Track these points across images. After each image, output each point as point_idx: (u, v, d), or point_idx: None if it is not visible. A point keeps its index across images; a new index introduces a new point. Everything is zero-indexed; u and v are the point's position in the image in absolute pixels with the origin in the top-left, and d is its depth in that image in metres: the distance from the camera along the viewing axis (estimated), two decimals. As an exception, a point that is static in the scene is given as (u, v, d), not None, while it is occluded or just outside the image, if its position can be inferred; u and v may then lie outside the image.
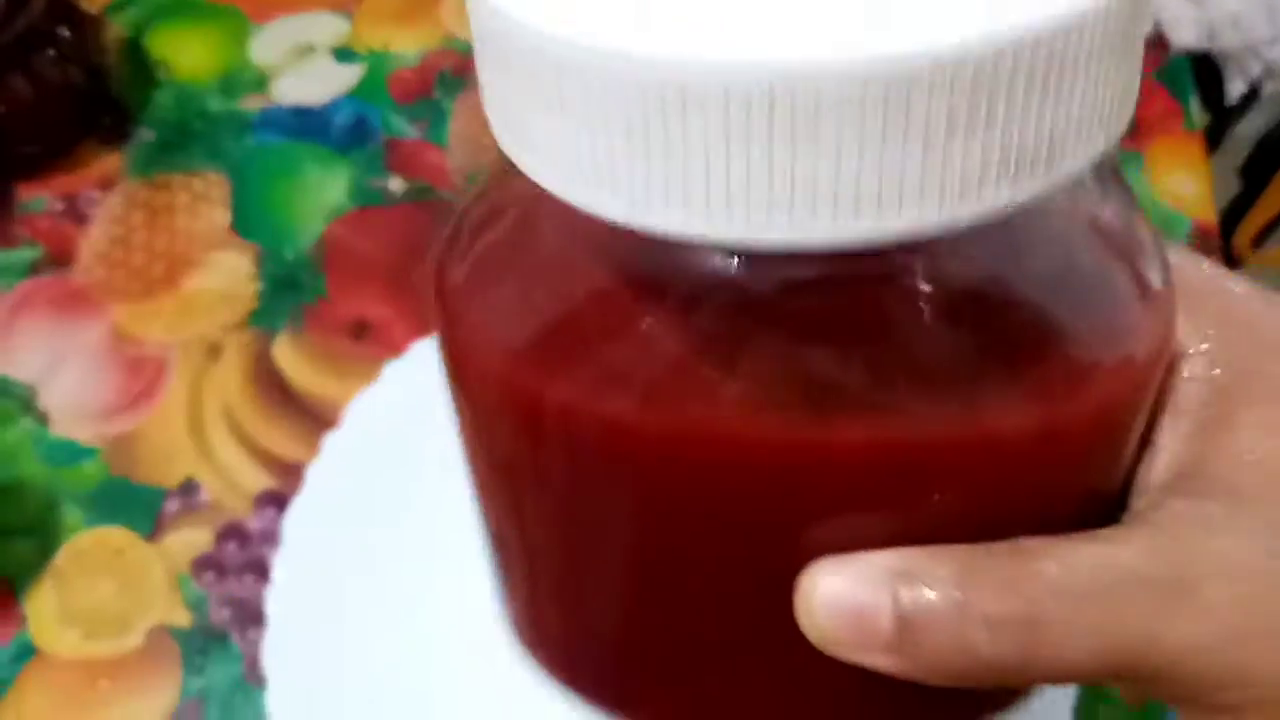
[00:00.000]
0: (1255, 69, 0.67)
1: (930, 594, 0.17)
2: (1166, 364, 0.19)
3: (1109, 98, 0.15)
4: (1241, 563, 0.18)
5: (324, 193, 0.54)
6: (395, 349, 0.49)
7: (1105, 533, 0.19)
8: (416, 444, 0.45)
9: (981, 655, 0.17)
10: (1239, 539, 0.18)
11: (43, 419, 0.48)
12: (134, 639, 0.44)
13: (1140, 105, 0.17)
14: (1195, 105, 0.60)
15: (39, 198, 0.53)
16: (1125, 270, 0.19)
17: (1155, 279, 0.19)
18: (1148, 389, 0.19)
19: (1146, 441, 0.20)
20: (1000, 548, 0.18)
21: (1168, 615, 0.17)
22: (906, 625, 0.17)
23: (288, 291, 0.51)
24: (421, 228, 0.53)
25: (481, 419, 0.21)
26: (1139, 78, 0.17)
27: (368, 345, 0.50)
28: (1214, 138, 0.60)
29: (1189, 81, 0.60)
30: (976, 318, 0.18)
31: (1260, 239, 1.06)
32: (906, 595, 0.17)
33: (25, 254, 0.52)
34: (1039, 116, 0.14)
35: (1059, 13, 0.14)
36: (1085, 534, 0.19)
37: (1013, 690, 0.22)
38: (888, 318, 0.17)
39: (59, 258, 0.52)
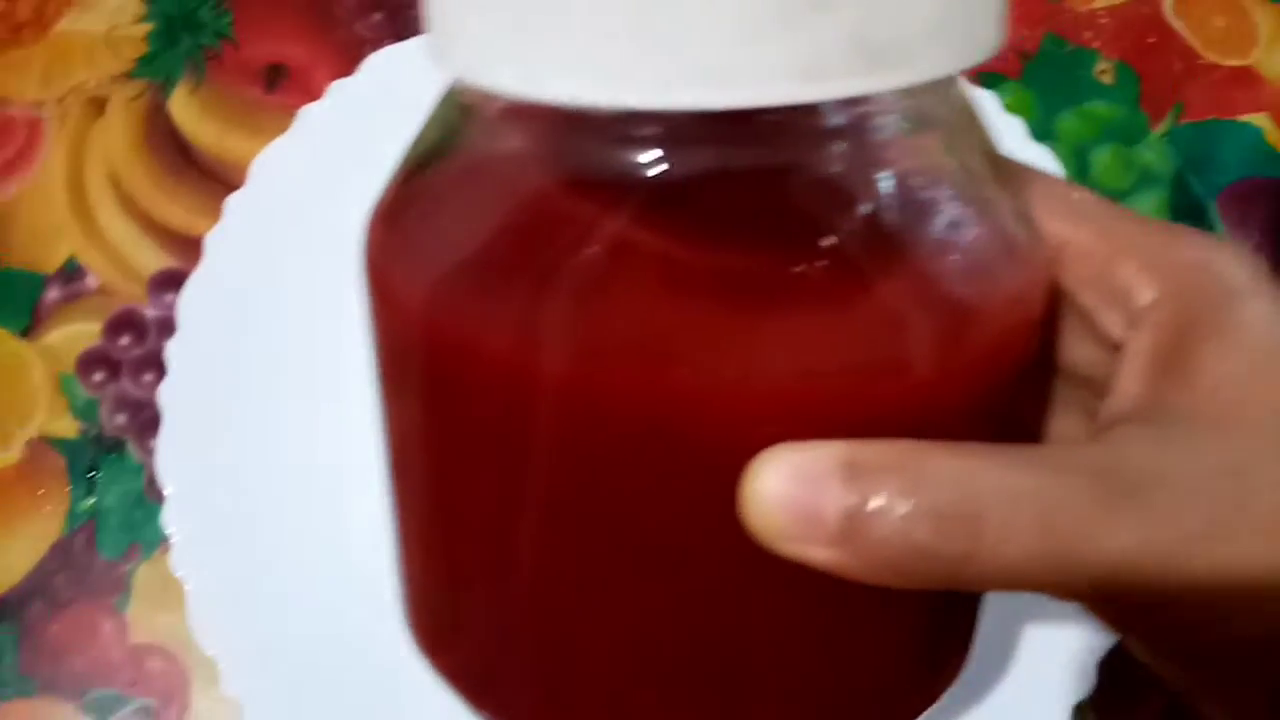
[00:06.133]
0: None
1: (877, 486, 0.18)
2: (1041, 314, 0.21)
3: (959, 14, 0.17)
4: (1193, 474, 0.19)
5: (224, -89, 0.44)
6: (315, 95, 0.40)
7: (1055, 446, 0.21)
8: (334, 205, 0.36)
9: (925, 548, 0.18)
10: (1189, 456, 0.19)
11: (-109, 196, 0.40)
12: (10, 453, 0.37)
13: None
14: None
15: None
16: (993, 231, 0.20)
17: (1021, 239, 0.21)
18: (1022, 337, 0.20)
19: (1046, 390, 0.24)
20: (947, 445, 0.18)
21: (1109, 519, 0.18)
22: (852, 517, 0.18)
23: (184, 33, 0.43)
24: (345, -52, 0.43)
25: (399, 362, 0.21)
26: (1004, 11, 0.18)
27: (283, 94, 0.42)
28: None
29: None
30: (863, 259, 0.18)
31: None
32: (854, 487, 0.18)
33: None
34: (886, 12, 0.16)
35: None
36: (1035, 445, 0.20)
37: (948, 668, 0.23)
38: (784, 252, 0.18)
39: (-98, 3, 0.43)
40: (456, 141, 0.20)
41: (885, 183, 0.19)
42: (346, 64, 0.41)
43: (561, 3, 0.15)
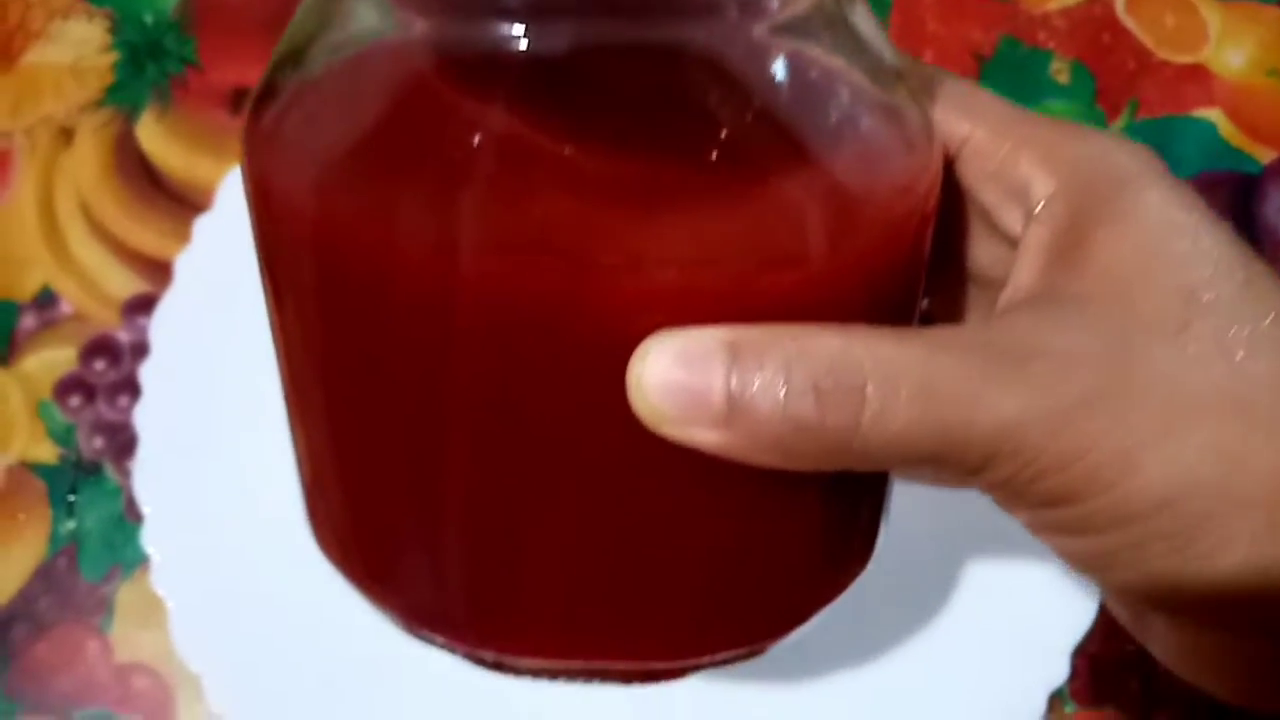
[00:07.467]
0: None
1: (759, 365, 0.17)
2: (934, 206, 0.21)
3: None
4: (1080, 345, 0.19)
5: (187, -61, 0.44)
6: (282, 117, 0.40)
7: (940, 326, 0.20)
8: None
9: (808, 424, 0.17)
10: (1076, 331, 0.19)
11: None
12: (-9, 480, 0.37)
13: None
14: None
15: None
16: (885, 121, 0.20)
17: (914, 131, 0.20)
18: (913, 227, 0.20)
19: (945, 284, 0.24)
20: (829, 326, 0.18)
21: (989, 388, 0.18)
22: (735, 398, 0.17)
23: (150, 61, 0.43)
24: (307, -28, 0.44)
25: (285, 265, 0.20)
26: None
27: (250, 116, 0.41)
28: None
29: None
30: (755, 144, 0.18)
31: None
32: (736, 368, 0.17)
33: None
34: None
35: None
36: (921, 328, 0.19)
37: (846, 567, 0.23)
38: (675, 140, 0.18)
39: None
40: (329, 27, 0.19)
41: (776, 69, 0.18)
42: (312, 86, 0.42)
43: None
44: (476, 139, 0.17)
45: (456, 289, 0.17)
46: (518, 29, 0.17)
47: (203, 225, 0.37)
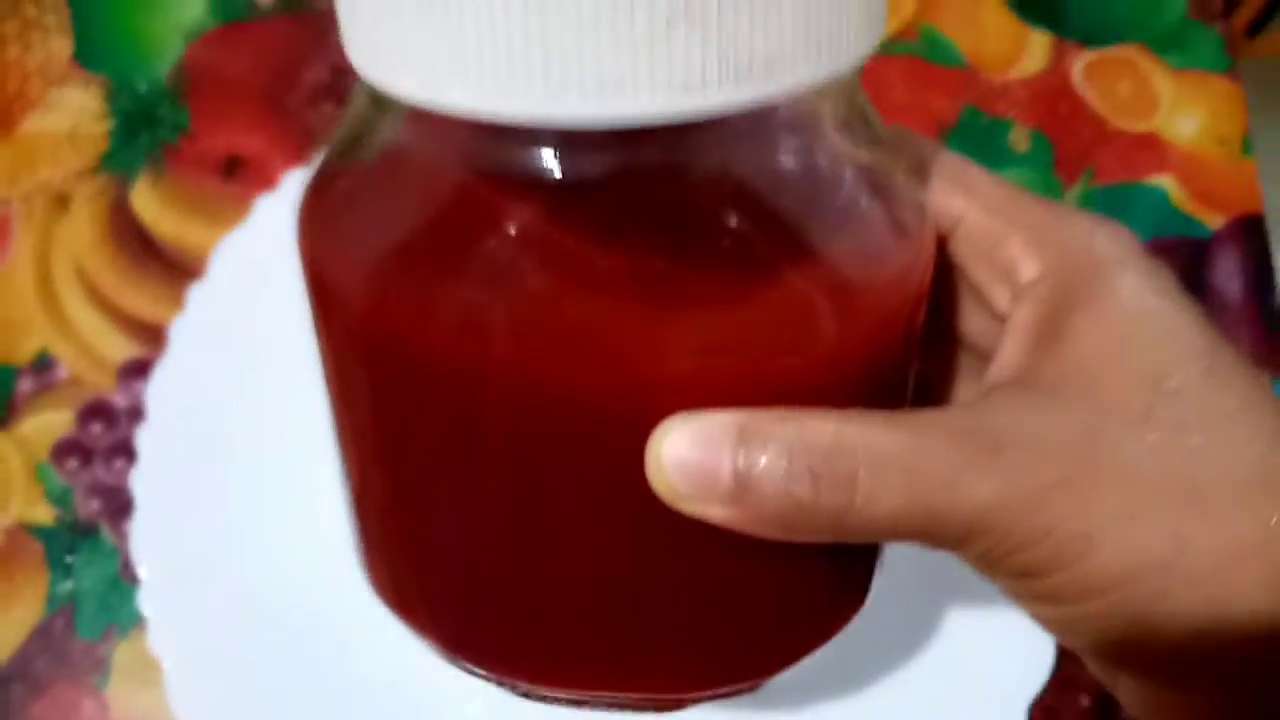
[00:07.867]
0: None
1: (763, 449, 0.19)
2: (928, 286, 0.22)
3: (826, 27, 0.18)
4: (1051, 434, 0.20)
5: (180, 10, 0.45)
6: (271, 184, 0.42)
7: (927, 410, 0.21)
8: (292, 291, 0.38)
9: (805, 504, 0.19)
10: (1051, 419, 0.21)
11: None
12: (-11, 541, 0.38)
13: None
14: None
15: None
16: (883, 210, 0.21)
17: (910, 215, 0.22)
18: (909, 309, 0.22)
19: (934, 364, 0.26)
20: (827, 412, 0.20)
21: (968, 474, 0.19)
22: (742, 477, 0.19)
23: (144, 128, 0.44)
24: (296, 43, 0.45)
25: (338, 352, 0.22)
26: (877, 18, 0.19)
27: (241, 183, 0.43)
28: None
29: None
30: (752, 242, 0.20)
31: (1256, 27, 0.98)
32: (743, 451, 0.19)
33: None
34: (751, 28, 0.17)
35: None
36: (910, 411, 0.21)
37: (838, 614, 0.25)
38: (690, 242, 0.19)
39: None
40: (374, 132, 0.21)
41: (780, 174, 0.20)
42: (297, 150, 0.43)
43: (456, 17, 0.16)
44: (512, 242, 0.19)
45: (494, 378, 0.19)
46: (547, 158, 0.19)
47: (196, 293, 0.38)
